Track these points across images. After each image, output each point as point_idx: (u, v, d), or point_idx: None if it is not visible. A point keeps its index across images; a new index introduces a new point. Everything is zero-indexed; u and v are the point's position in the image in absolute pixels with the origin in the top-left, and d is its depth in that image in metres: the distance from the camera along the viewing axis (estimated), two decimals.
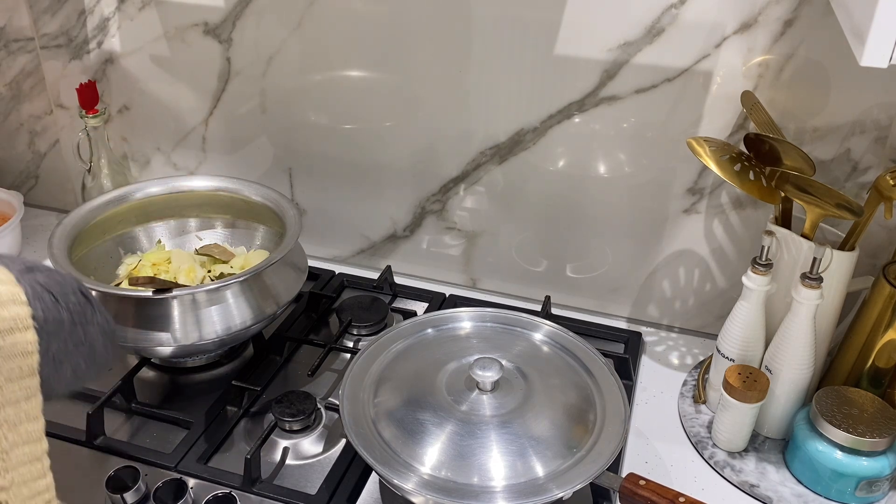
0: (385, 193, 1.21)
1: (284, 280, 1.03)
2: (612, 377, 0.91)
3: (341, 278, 1.25)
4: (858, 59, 0.60)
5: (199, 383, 1.06)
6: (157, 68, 1.22)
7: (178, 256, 1.13)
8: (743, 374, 0.91)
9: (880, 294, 0.90)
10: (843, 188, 0.99)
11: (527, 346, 0.96)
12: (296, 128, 1.20)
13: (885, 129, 0.94)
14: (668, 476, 0.93)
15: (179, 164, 1.31)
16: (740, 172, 0.90)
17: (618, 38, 0.98)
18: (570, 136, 1.07)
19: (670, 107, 1.01)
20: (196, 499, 0.86)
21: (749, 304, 0.92)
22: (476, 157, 1.13)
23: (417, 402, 0.86)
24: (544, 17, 1.00)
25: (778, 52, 0.93)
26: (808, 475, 0.90)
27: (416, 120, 1.13)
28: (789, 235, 0.91)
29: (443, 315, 1.00)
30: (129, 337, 0.95)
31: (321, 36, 1.11)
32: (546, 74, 1.03)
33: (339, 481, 0.89)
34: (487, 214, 1.18)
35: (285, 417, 0.95)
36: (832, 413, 0.87)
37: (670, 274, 1.13)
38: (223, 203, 1.17)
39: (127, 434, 0.97)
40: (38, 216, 1.43)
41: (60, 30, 1.24)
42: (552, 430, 0.84)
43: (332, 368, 1.08)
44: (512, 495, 0.76)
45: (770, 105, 0.96)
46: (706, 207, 1.06)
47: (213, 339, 0.96)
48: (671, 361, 1.12)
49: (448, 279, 1.26)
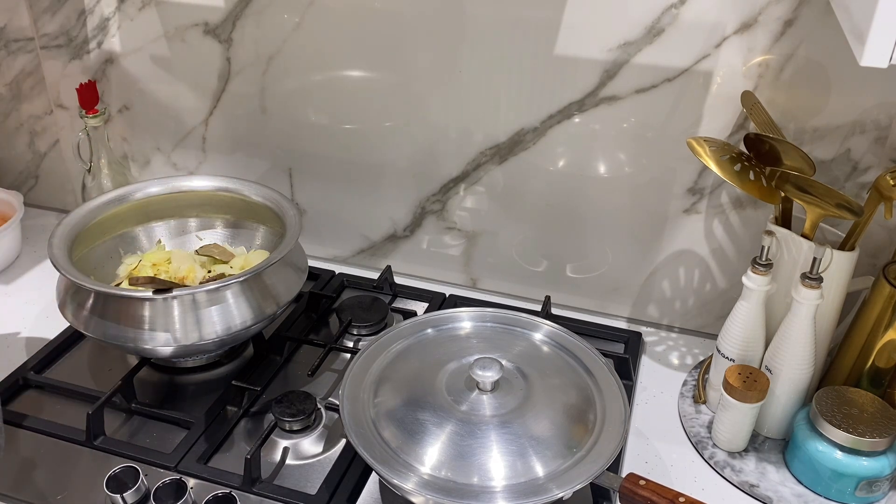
0: (385, 193, 1.21)
1: (284, 280, 1.03)
2: (612, 377, 0.91)
3: (341, 278, 1.25)
4: (858, 59, 0.60)
5: (199, 383, 1.06)
6: (157, 68, 1.22)
7: (178, 256, 1.13)
8: (743, 374, 0.91)
9: (880, 294, 0.90)
10: (843, 188, 0.99)
11: (527, 346, 0.96)
12: (296, 128, 1.20)
13: (885, 129, 0.94)
14: (668, 476, 0.93)
15: (179, 164, 1.31)
16: (740, 172, 0.90)
17: (618, 38, 0.98)
18: (570, 136, 1.07)
19: (670, 107, 1.01)
20: (196, 499, 0.86)
21: (749, 304, 0.92)
22: (476, 157, 1.13)
23: (417, 402, 0.86)
24: (544, 17, 1.00)
25: (778, 52, 0.93)
26: (808, 475, 0.90)
27: (416, 120, 1.13)
28: (789, 235, 0.91)
29: (443, 315, 1.00)
30: (129, 337, 0.95)
31: (321, 36, 1.11)
32: (546, 74, 1.03)
33: (339, 481, 0.89)
34: (487, 214, 1.18)
35: (285, 417, 0.95)
36: (832, 413, 0.87)
37: (670, 274, 1.13)
38: (223, 203, 1.17)
39: (127, 434, 0.97)
40: (38, 216, 1.43)
41: (60, 30, 1.24)
42: (552, 430, 0.83)
43: (332, 368, 1.08)
44: (512, 495, 0.76)
45: (770, 105, 0.96)
46: (706, 207, 1.06)
47: (213, 339, 0.96)
48: (671, 361, 1.12)
49: (448, 279, 1.26)
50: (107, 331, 0.95)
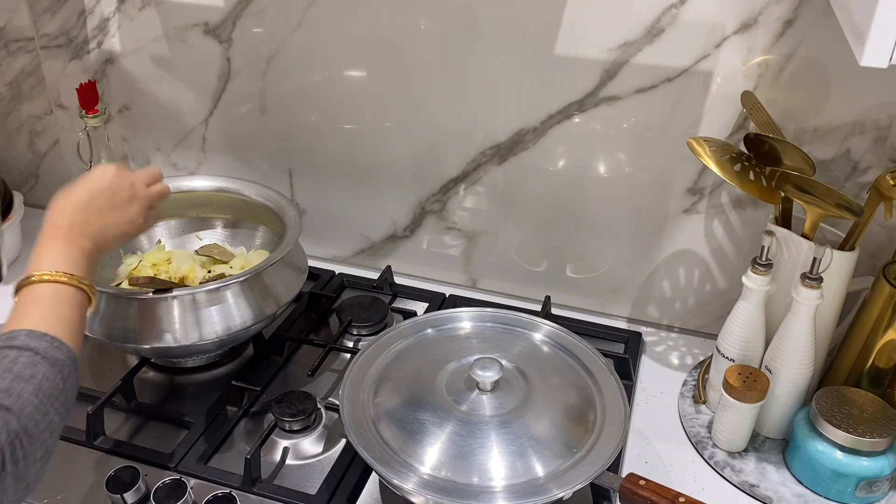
0: (385, 193, 1.21)
1: (284, 280, 1.03)
2: (612, 377, 0.91)
3: (341, 278, 1.25)
4: (858, 59, 0.60)
5: (199, 383, 1.06)
6: (157, 68, 1.22)
7: (178, 256, 1.13)
8: (743, 374, 0.91)
9: (880, 294, 0.90)
10: (843, 188, 0.99)
11: (527, 346, 0.96)
12: (296, 128, 1.20)
13: (885, 129, 0.94)
14: (668, 476, 0.93)
15: (179, 164, 1.31)
16: (740, 172, 0.90)
17: (618, 38, 0.98)
18: (570, 137, 1.07)
19: (670, 107, 1.01)
20: (196, 499, 0.86)
21: (749, 304, 0.92)
22: (476, 157, 1.13)
23: (417, 402, 0.86)
24: (544, 17, 1.00)
25: (778, 52, 0.93)
26: (808, 475, 0.90)
27: (416, 120, 1.13)
28: (789, 235, 0.91)
29: (443, 315, 1.00)
30: (130, 337, 0.95)
31: (321, 36, 1.11)
32: (546, 74, 1.03)
33: (339, 481, 0.89)
34: (487, 214, 1.17)
35: (285, 417, 0.95)
36: (832, 413, 0.87)
37: (670, 274, 1.13)
38: (223, 203, 1.17)
39: (127, 434, 0.97)
40: (38, 216, 1.40)
41: (60, 30, 1.24)
42: (552, 430, 0.83)
43: (332, 368, 1.08)
44: (512, 495, 0.76)
45: (770, 105, 0.96)
46: (706, 207, 1.06)
47: (213, 339, 0.96)
48: (671, 361, 1.12)
49: (448, 279, 1.26)
50: (107, 331, 0.95)
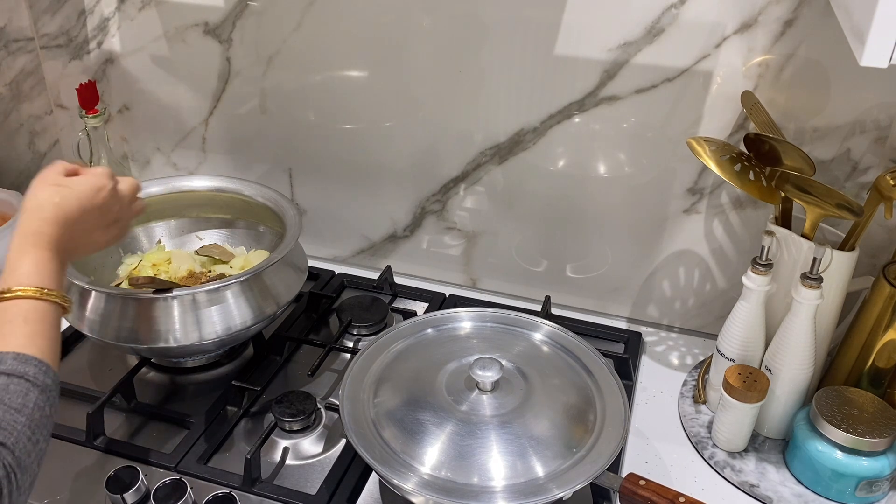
0: (385, 193, 1.21)
1: (284, 280, 1.03)
2: (612, 377, 0.91)
3: (341, 278, 1.25)
4: (858, 59, 0.60)
5: (199, 383, 1.06)
6: (157, 68, 1.22)
7: (178, 256, 1.13)
8: (743, 374, 0.91)
9: (880, 294, 0.90)
10: (843, 188, 0.99)
11: (527, 346, 0.96)
12: (296, 128, 1.20)
13: (885, 129, 0.94)
14: (668, 476, 0.93)
15: (179, 164, 1.31)
16: (740, 172, 0.90)
17: (618, 38, 0.98)
18: (570, 136, 1.07)
19: (670, 107, 1.01)
20: (196, 499, 0.86)
21: (749, 304, 0.92)
22: (476, 157, 1.13)
23: (417, 402, 0.86)
24: (544, 17, 1.00)
25: (778, 52, 0.93)
26: (808, 475, 0.90)
27: (416, 120, 1.13)
28: (789, 235, 0.91)
29: (443, 315, 1.00)
30: (130, 337, 0.95)
31: (321, 36, 1.11)
32: (546, 74, 1.03)
33: (339, 481, 0.89)
34: (487, 214, 1.17)
35: (285, 417, 0.95)
36: (832, 413, 0.87)
37: (670, 274, 1.13)
38: (223, 203, 1.17)
39: (127, 434, 0.97)
40: None
41: (60, 30, 1.24)
42: (552, 430, 0.83)
43: (332, 368, 1.08)
44: (512, 495, 0.76)
45: (770, 105, 0.96)
46: (706, 207, 1.06)
47: (213, 340, 0.96)
48: (671, 361, 1.12)
49: (448, 279, 1.26)
50: (107, 331, 0.95)
